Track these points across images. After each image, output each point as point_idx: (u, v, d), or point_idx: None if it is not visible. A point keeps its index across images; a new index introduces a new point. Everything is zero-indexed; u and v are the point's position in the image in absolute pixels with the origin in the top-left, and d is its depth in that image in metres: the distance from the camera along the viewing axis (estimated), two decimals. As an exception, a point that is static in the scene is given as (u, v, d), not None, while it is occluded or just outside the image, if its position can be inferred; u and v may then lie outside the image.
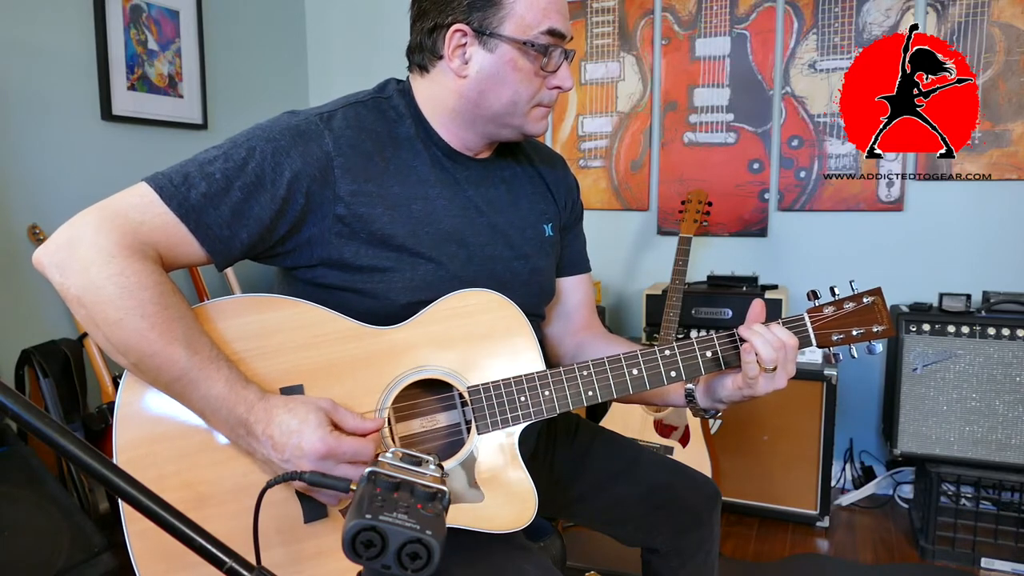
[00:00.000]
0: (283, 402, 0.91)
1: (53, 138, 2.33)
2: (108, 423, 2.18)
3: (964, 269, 2.58)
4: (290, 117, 1.02)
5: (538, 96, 1.07)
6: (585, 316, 1.33)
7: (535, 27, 1.01)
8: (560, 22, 1.03)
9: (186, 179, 0.92)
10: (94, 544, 1.81)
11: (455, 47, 1.04)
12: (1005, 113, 2.48)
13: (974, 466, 2.28)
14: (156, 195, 0.90)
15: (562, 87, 1.08)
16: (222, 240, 0.94)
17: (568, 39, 1.06)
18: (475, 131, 1.10)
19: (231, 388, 0.89)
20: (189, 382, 0.87)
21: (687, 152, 2.89)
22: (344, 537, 0.64)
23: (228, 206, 0.93)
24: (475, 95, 1.05)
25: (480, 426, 1.02)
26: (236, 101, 3.04)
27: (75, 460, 0.59)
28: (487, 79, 1.04)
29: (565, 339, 1.31)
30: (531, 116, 1.08)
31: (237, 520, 0.90)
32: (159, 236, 0.90)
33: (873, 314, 1.07)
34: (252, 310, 0.97)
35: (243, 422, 0.89)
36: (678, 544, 1.28)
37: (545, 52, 1.03)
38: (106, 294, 0.84)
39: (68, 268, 0.86)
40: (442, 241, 1.06)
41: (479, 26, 1.02)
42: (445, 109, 1.08)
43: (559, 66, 1.06)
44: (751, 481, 2.52)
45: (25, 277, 2.25)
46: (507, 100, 1.05)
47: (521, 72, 1.04)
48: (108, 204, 0.90)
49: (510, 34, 1.01)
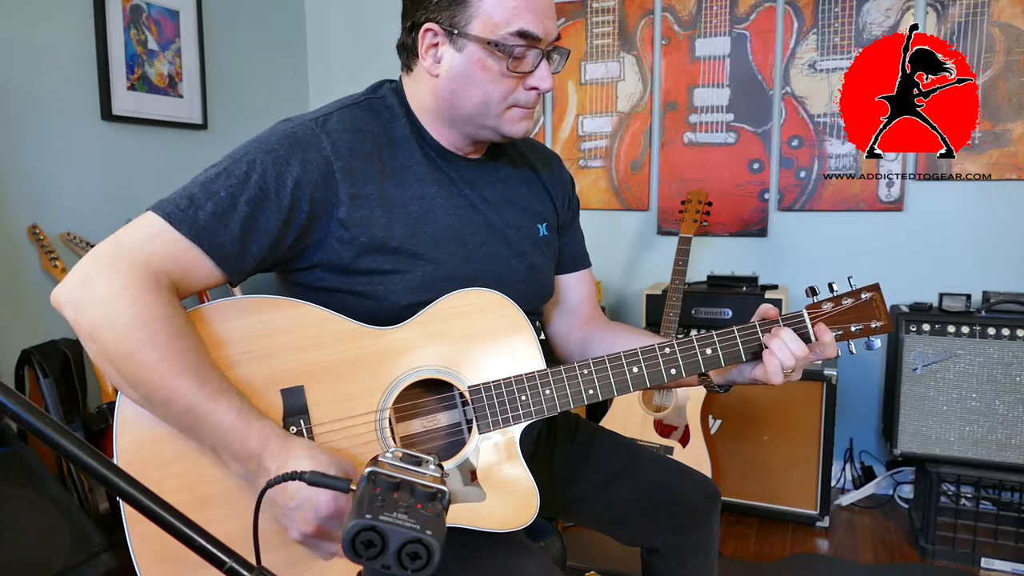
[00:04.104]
0: (306, 448, 0.88)
1: (53, 138, 2.33)
2: (108, 423, 2.18)
3: (964, 269, 2.58)
4: (285, 125, 1.01)
5: (512, 96, 1.04)
6: (589, 310, 1.33)
7: (503, 27, 0.99)
8: (532, 23, 0.99)
9: (192, 201, 0.92)
10: (94, 544, 1.81)
11: (428, 46, 1.04)
12: (1005, 113, 2.48)
13: (974, 466, 2.27)
14: (165, 222, 0.90)
15: (539, 88, 1.05)
16: (235, 256, 0.94)
17: (546, 40, 1.03)
18: (457, 130, 1.09)
19: (243, 419, 0.88)
20: (198, 415, 0.86)
21: (687, 152, 2.89)
22: (344, 537, 0.64)
23: (237, 222, 0.93)
24: (448, 94, 1.05)
25: (481, 425, 1.02)
26: (236, 101, 3.04)
27: (75, 460, 0.59)
28: (457, 78, 1.03)
29: (571, 335, 1.32)
30: (506, 117, 1.06)
31: (239, 521, 0.90)
32: (172, 264, 0.90)
33: (871, 310, 1.08)
34: (252, 311, 0.97)
35: (255, 455, 0.87)
36: (678, 544, 1.28)
37: (511, 53, 1.00)
38: (118, 327, 0.85)
39: (83, 305, 0.86)
40: (440, 241, 1.06)
41: (448, 25, 1.01)
42: (428, 108, 1.08)
43: (535, 67, 1.03)
44: (751, 481, 2.52)
45: (25, 277, 2.25)
46: (478, 100, 1.03)
47: (490, 72, 1.01)
48: (118, 239, 0.90)
49: (477, 33, 1.00)
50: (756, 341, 1.07)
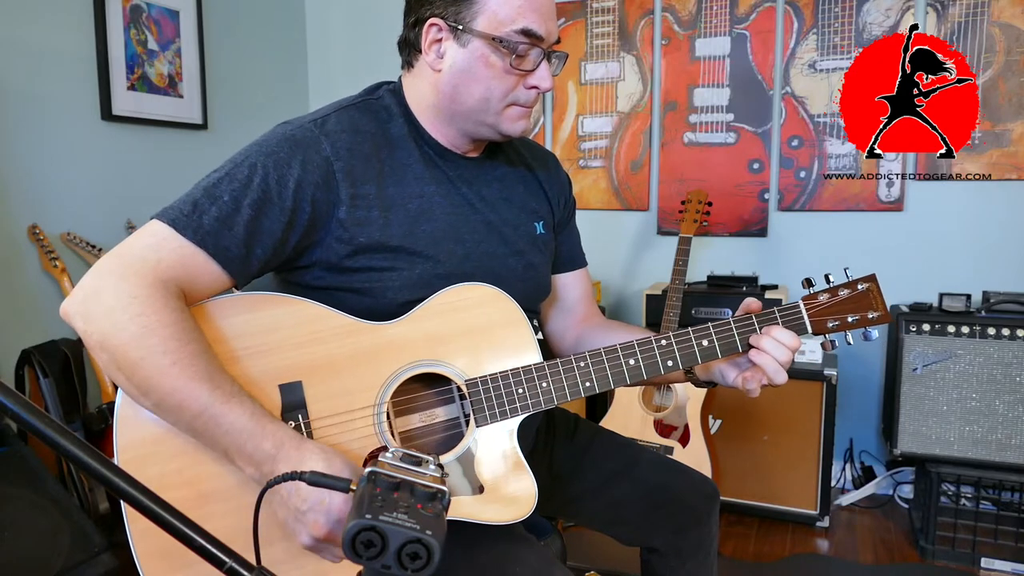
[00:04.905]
0: (320, 452, 0.88)
1: (53, 138, 2.33)
2: (108, 423, 2.18)
3: (964, 269, 2.58)
4: (284, 128, 1.02)
5: (513, 94, 1.05)
6: (585, 309, 1.34)
7: (508, 24, 1.01)
8: (536, 22, 1.01)
9: (195, 207, 0.92)
10: (94, 544, 1.81)
11: (431, 41, 1.05)
12: (1005, 113, 2.48)
13: (974, 466, 2.28)
14: (170, 229, 0.91)
15: (539, 87, 1.06)
16: (240, 259, 0.94)
17: (548, 41, 1.04)
18: (455, 127, 1.10)
19: (256, 421, 0.88)
20: (211, 417, 0.86)
21: (687, 152, 2.89)
22: (344, 537, 0.64)
23: (241, 225, 0.93)
24: (449, 89, 1.05)
25: (478, 419, 1.02)
26: (236, 101, 3.05)
27: (75, 460, 0.59)
28: (459, 74, 1.04)
29: (567, 333, 1.32)
30: (506, 115, 1.07)
31: (239, 517, 0.91)
32: (178, 270, 0.90)
33: (868, 300, 1.08)
34: (251, 308, 0.97)
35: (270, 458, 0.87)
36: (677, 543, 1.28)
37: (515, 50, 1.02)
38: (128, 335, 0.85)
39: (92, 316, 0.87)
40: (439, 239, 1.07)
41: (453, 20, 1.02)
42: (427, 104, 1.09)
43: (537, 66, 1.04)
44: (751, 481, 2.52)
45: (25, 277, 2.25)
46: (479, 96, 1.04)
47: (492, 68, 1.03)
48: (124, 249, 0.91)
49: (482, 29, 1.01)
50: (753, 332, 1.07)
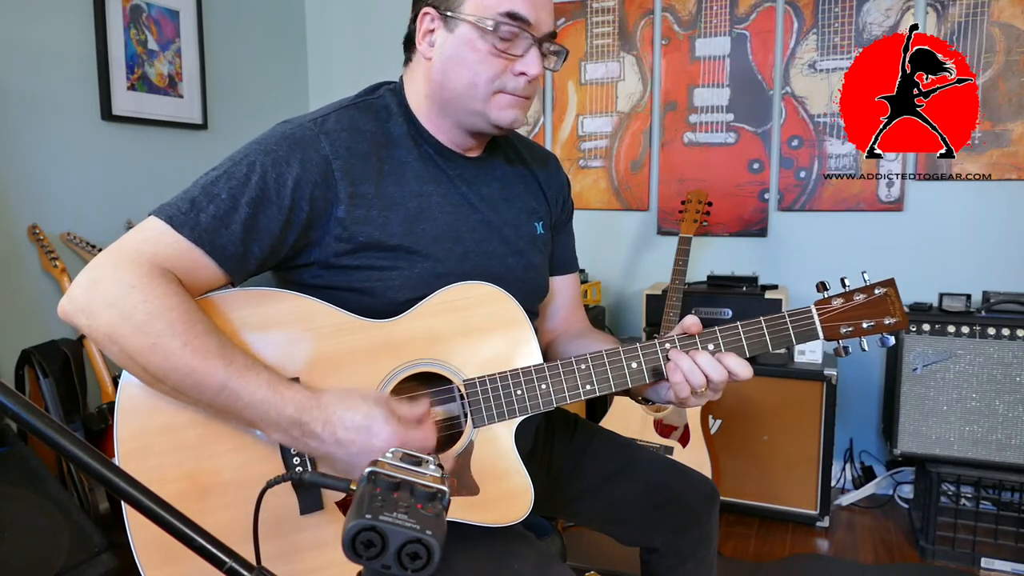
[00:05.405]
0: (338, 399, 0.90)
1: (53, 138, 2.33)
2: (108, 423, 2.18)
3: (964, 269, 2.58)
4: (284, 126, 1.02)
5: (500, 80, 1.04)
6: (567, 315, 1.34)
7: (494, 8, 1.01)
8: (522, 6, 1.01)
9: (193, 204, 0.92)
10: (94, 544, 1.81)
11: (425, 31, 1.06)
12: (1005, 113, 2.48)
13: (974, 466, 2.28)
14: (167, 225, 0.91)
15: (527, 73, 1.05)
16: (237, 257, 0.94)
17: (538, 28, 1.04)
18: (449, 119, 1.10)
19: (274, 390, 0.89)
20: (231, 392, 0.87)
21: (687, 152, 2.89)
22: (344, 537, 0.64)
23: (238, 223, 0.93)
24: (440, 76, 1.06)
25: (476, 419, 1.02)
26: (236, 101, 3.05)
27: (75, 460, 0.59)
28: (448, 59, 1.05)
29: (543, 337, 1.32)
30: (493, 102, 1.05)
31: (237, 510, 0.91)
32: (176, 262, 0.91)
33: (885, 305, 1.03)
34: (250, 304, 0.97)
35: (297, 422, 0.88)
36: (677, 543, 1.28)
37: (500, 32, 1.01)
38: (134, 323, 0.85)
39: (93, 309, 0.86)
40: (438, 238, 1.07)
41: (443, 7, 1.04)
42: (422, 96, 1.10)
43: (525, 52, 1.04)
44: (751, 481, 2.52)
45: (25, 277, 2.25)
46: (466, 81, 1.04)
47: (478, 52, 1.03)
48: (120, 244, 0.91)
49: (468, 13, 1.02)
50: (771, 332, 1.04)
